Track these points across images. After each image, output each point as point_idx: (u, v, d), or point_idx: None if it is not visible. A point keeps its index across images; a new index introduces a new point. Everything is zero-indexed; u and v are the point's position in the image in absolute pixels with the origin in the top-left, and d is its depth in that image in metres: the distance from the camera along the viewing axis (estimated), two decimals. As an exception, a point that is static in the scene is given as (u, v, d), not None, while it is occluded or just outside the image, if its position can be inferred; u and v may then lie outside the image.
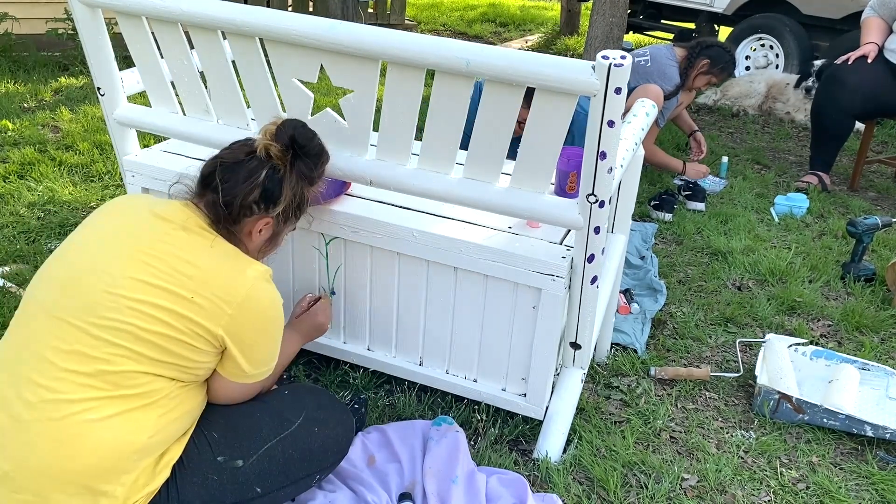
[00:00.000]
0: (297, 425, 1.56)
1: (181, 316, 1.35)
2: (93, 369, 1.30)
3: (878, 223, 3.01)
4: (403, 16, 7.56)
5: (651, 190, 3.81)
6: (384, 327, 2.02)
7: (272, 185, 1.49)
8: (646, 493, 1.84)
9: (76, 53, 5.24)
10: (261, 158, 1.49)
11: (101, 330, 1.32)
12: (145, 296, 1.34)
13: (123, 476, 1.32)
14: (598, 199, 1.57)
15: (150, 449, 1.35)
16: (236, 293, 1.40)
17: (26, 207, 3.11)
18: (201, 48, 1.76)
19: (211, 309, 1.38)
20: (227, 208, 1.47)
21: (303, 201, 1.59)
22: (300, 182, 1.55)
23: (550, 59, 1.46)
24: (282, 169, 1.50)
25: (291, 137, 1.52)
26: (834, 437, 2.11)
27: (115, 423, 1.31)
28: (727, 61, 3.75)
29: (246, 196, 1.47)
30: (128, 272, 1.35)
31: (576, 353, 1.93)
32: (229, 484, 1.45)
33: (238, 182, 1.47)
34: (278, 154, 1.50)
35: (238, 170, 1.48)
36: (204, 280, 1.38)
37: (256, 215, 1.50)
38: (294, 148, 1.53)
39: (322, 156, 1.61)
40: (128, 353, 1.32)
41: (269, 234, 1.56)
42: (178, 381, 1.39)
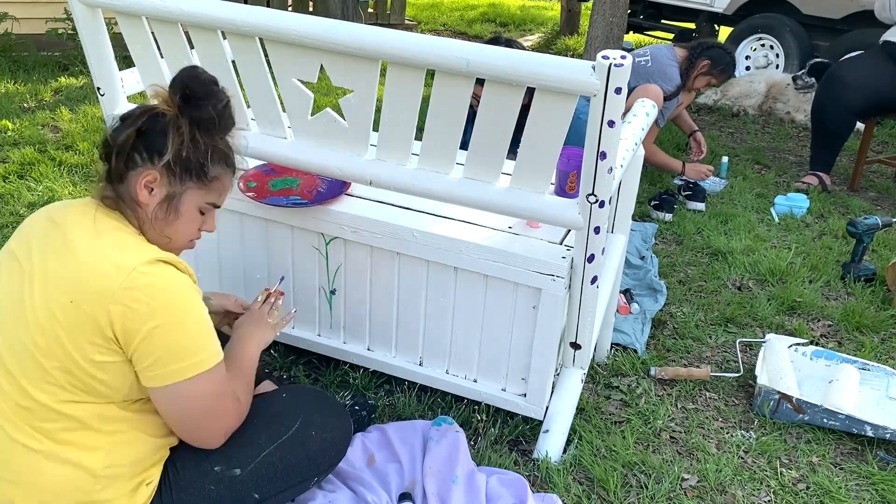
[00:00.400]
0: (295, 430, 1.53)
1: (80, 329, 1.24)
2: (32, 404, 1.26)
3: (878, 223, 3.01)
4: (403, 16, 7.56)
5: (651, 190, 3.81)
6: (384, 327, 2.02)
7: (153, 129, 1.32)
8: (646, 494, 1.84)
9: (76, 53, 5.24)
10: (147, 108, 1.36)
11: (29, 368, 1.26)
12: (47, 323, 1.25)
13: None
14: (598, 199, 1.57)
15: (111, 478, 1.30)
16: (112, 282, 1.23)
17: (26, 207, 3.11)
18: (201, 48, 1.76)
19: (89, 308, 1.23)
20: (109, 159, 1.33)
21: (203, 155, 1.36)
22: (193, 127, 1.34)
23: (550, 59, 1.46)
24: (168, 114, 1.34)
25: (179, 80, 1.35)
26: (834, 438, 2.11)
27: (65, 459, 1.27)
28: (727, 62, 3.76)
29: (121, 141, 1.31)
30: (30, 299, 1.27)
31: (576, 353, 1.93)
32: (227, 493, 1.43)
33: (120, 129, 1.33)
34: (165, 98, 1.34)
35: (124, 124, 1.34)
36: (78, 279, 1.24)
37: (140, 167, 1.33)
38: (183, 89, 1.34)
39: (215, 95, 1.36)
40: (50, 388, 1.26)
41: (164, 196, 1.35)
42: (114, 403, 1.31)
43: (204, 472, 1.42)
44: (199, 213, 1.43)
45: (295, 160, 1.79)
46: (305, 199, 1.96)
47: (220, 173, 1.41)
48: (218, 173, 1.41)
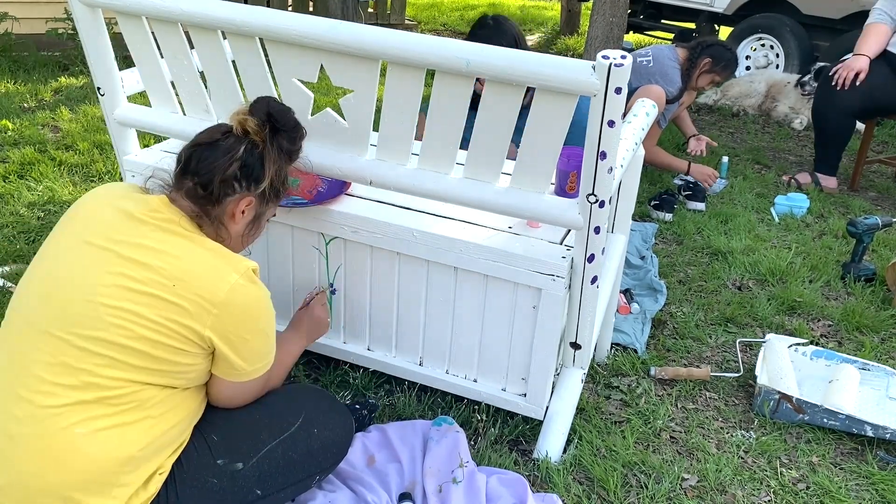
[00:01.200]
0: (297, 427, 1.55)
1: (164, 319, 1.32)
2: (79, 381, 1.29)
3: (878, 223, 3.01)
4: (403, 16, 7.56)
5: (651, 190, 3.81)
6: (384, 327, 2.02)
7: (252, 160, 1.44)
8: (646, 493, 1.84)
9: (76, 53, 5.24)
10: (237, 135, 1.45)
11: (84, 340, 1.30)
12: (126, 302, 1.31)
13: (115, 489, 1.30)
14: (598, 199, 1.57)
15: (140, 461, 1.33)
16: (219, 292, 1.35)
17: (26, 207, 3.11)
18: (201, 48, 1.76)
19: (194, 310, 1.34)
20: (206, 189, 1.42)
21: (285, 179, 1.54)
22: (280, 157, 1.50)
23: (550, 59, 1.46)
24: (260, 144, 1.46)
25: (267, 112, 1.48)
26: (834, 437, 2.11)
27: (104, 436, 1.29)
28: (729, 59, 3.75)
29: (226, 173, 1.42)
30: (106, 279, 1.32)
31: (576, 353, 1.93)
32: (229, 487, 1.44)
33: (216, 160, 1.42)
34: (255, 129, 1.45)
35: (215, 149, 1.43)
36: (185, 281, 1.34)
37: (238, 194, 1.45)
38: (271, 122, 1.48)
39: (299, 129, 1.55)
40: (112, 362, 1.30)
41: (252, 216, 1.51)
42: (168, 388, 1.37)
43: (207, 466, 1.43)
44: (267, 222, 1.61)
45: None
46: (305, 199, 1.96)
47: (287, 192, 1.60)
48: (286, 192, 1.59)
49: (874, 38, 3.83)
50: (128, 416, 1.32)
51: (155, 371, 1.34)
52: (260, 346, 1.46)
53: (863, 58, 3.81)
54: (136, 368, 1.32)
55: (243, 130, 1.45)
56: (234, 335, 1.39)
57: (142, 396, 1.33)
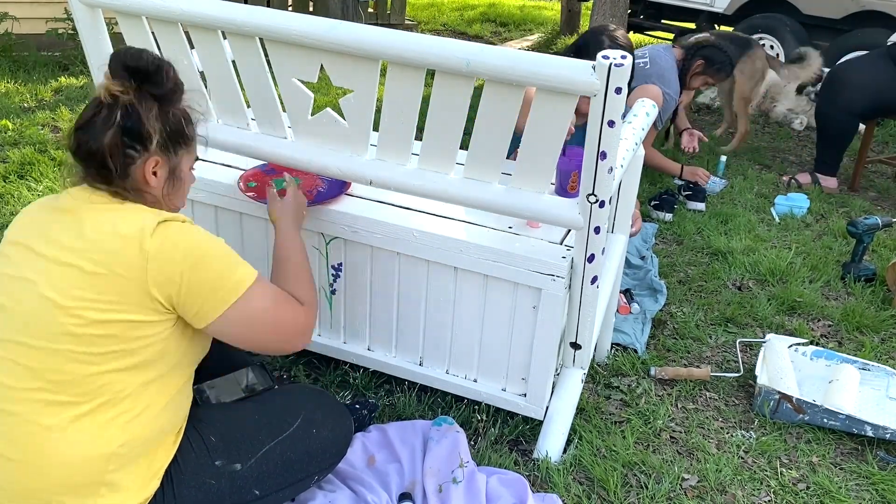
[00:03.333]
0: (296, 427, 1.55)
1: (108, 294, 1.29)
2: (45, 382, 1.27)
3: (878, 223, 3.01)
4: (403, 16, 7.56)
5: (651, 190, 3.81)
6: (384, 327, 2.02)
7: (130, 122, 1.36)
8: (646, 493, 1.84)
9: (76, 53, 5.24)
10: (108, 103, 1.37)
11: (40, 339, 1.28)
12: (68, 289, 1.29)
13: (102, 488, 1.29)
14: (598, 199, 1.57)
15: (126, 457, 1.31)
16: (142, 245, 1.31)
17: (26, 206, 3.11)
18: (201, 48, 1.76)
19: (131, 274, 1.30)
20: (105, 166, 1.37)
21: (180, 123, 1.44)
22: (159, 104, 1.40)
23: (550, 59, 1.46)
24: (131, 101, 1.37)
25: (123, 65, 1.39)
26: (834, 438, 2.11)
27: (79, 435, 1.28)
28: (722, 62, 3.77)
29: (111, 145, 1.36)
30: (46, 274, 1.31)
31: (576, 353, 1.93)
32: (227, 488, 1.44)
33: (96, 137, 1.36)
34: (120, 89, 1.37)
35: (93, 126, 1.37)
36: (109, 251, 1.30)
37: (140, 158, 1.38)
38: (131, 74, 1.38)
39: (162, 68, 1.41)
40: (74, 355, 1.28)
41: (166, 173, 1.43)
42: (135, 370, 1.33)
43: (205, 467, 1.43)
44: (190, 172, 1.52)
45: (295, 160, 1.79)
46: (305, 199, 1.96)
47: (193, 131, 1.49)
48: (193, 132, 1.49)
49: None
50: (102, 412, 1.30)
51: (115, 353, 1.30)
52: (211, 266, 1.37)
53: None
54: (98, 356, 1.29)
55: (111, 96, 1.37)
56: (178, 273, 1.33)
57: (112, 388, 1.30)
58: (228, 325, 1.40)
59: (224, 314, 1.38)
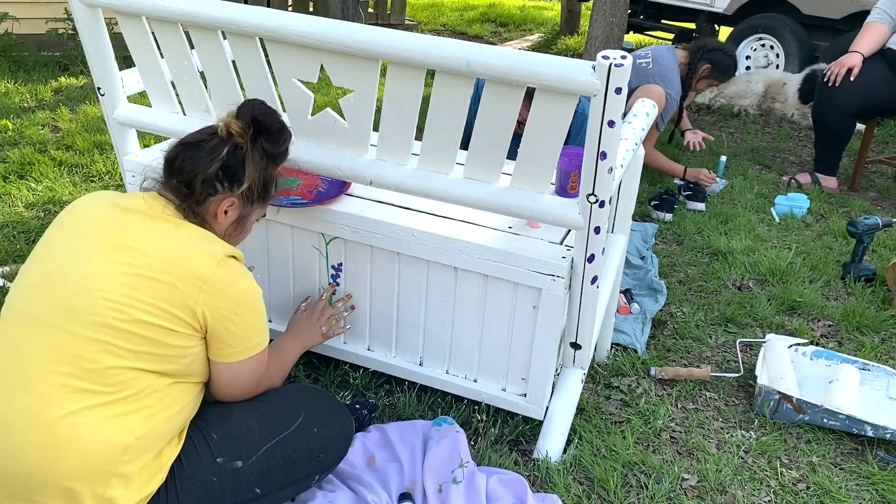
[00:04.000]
0: (297, 426, 1.56)
1: (156, 300, 1.34)
2: (75, 368, 1.30)
3: (878, 223, 3.01)
4: (403, 16, 7.56)
5: (651, 190, 3.81)
6: (384, 327, 2.02)
7: (234, 162, 1.47)
8: (646, 494, 1.84)
9: (76, 53, 5.24)
10: (222, 137, 1.48)
11: (79, 327, 1.31)
12: (118, 286, 1.33)
13: (114, 479, 1.30)
14: (598, 199, 1.57)
15: (140, 450, 1.33)
16: (207, 268, 1.39)
17: (26, 207, 3.11)
18: (201, 48, 1.76)
19: (185, 288, 1.37)
20: (190, 187, 1.45)
21: (269, 181, 1.57)
22: (264, 159, 1.53)
23: (550, 59, 1.46)
24: (244, 146, 1.49)
25: (252, 115, 1.51)
26: (834, 438, 2.11)
27: (101, 424, 1.29)
28: (728, 66, 3.82)
29: (207, 173, 1.45)
30: (99, 266, 1.35)
31: (576, 353, 1.93)
32: (228, 485, 1.45)
33: (199, 160, 1.45)
34: (239, 131, 1.48)
35: (200, 149, 1.47)
36: (174, 261, 1.37)
37: (220, 195, 1.48)
38: (255, 124, 1.51)
39: (284, 131, 1.58)
40: (108, 347, 1.31)
41: (236, 217, 1.54)
42: (164, 375, 1.38)
43: (206, 464, 1.43)
44: (253, 225, 1.64)
45: (295, 160, 1.79)
46: (305, 199, 1.96)
47: (273, 194, 1.62)
48: (272, 194, 1.61)
49: (871, 36, 3.83)
50: (126, 404, 1.32)
51: (149, 355, 1.34)
52: (250, 320, 1.47)
53: (855, 55, 3.81)
54: (132, 353, 1.33)
55: (228, 132, 1.48)
56: (225, 309, 1.41)
57: (139, 384, 1.34)
58: (229, 373, 1.49)
59: (236, 364, 1.49)
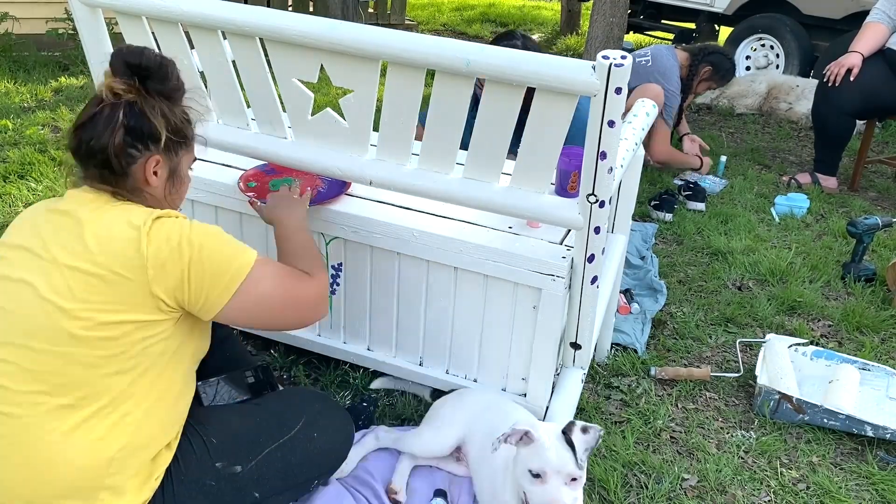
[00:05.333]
0: (297, 430, 1.54)
1: (110, 296, 1.28)
2: (47, 385, 1.27)
3: (878, 223, 3.01)
4: (403, 16, 7.57)
5: (651, 190, 3.81)
6: (384, 327, 2.02)
7: (135, 121, 1.36)
8: (646, 493, 1.84)
9: (76, 53, 5.24)
10: (111, 102, 1.36)
11: (41, 342, 1.27)
12: (71, 292, 1.28)
13: (102, 492, 1.29)
14: (598, 199, 1.57)
15: (126, 460, 1.31)
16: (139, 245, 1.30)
17: (26, 207, 3.11)
18: (201, 48, 1.76)
19: (132, 275, 1.29)
20: (107, 166, 1.36)
21: (181, 122, 1.43)
22: (163, 102, 1.40)
23: (550, 59, 1.46)
24: (136, 99, 1.37)
25: (124, 63, 1.38)
26: (834, 438, 2.11)
27: (80, 440, 1.27)
28: (728, 69, 3.94)
29: (116, 143, 1.35)
30: (48, 276, 1.30)
31: (576, 353, 1.93)
32: (227, 489, 1.43)
33: (99, 136, 1.35)
34: (123, 87, 1.36)
35: (95, 124, 1.36)
36: (112, 252, 1.29)
37: (141, 158, 1.38)
38: (134, 71, 1.38)
39: (165, 65, 1.41)
40: (75, 358, 1.27)
41: (167, 173, 1.43)
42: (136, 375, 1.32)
43: (205, 468, 1.42)
44: (188, 172, 1.51)
45: (295, 160, 1.79)
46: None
47: (193, 131, 1.48)
48: (193, 132, 1.48)
49: (870, 36, 3.84)
50: (104, 416, 1.29)
51: (120, 356, 1.29)
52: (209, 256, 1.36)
53: (855, 54, 3.82)
54: (102, 359, 1.28)
55: (113, 94, 1.37)
56: (179, 270, 1.32)
57: (114, 391, 1.30)
58: (237, 310, 1.39)
59: (231, 301, 1.37)
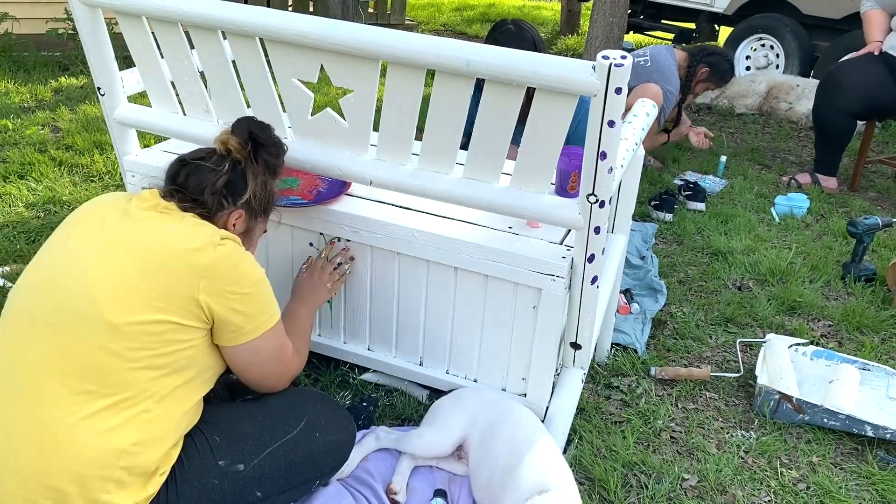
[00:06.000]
0: (299, 430, 1.56)
1: (157, 294, 1.34)
2: (75, 369, 1.29)
3: (878, 223, 3.01)
4: (403, 16, 7.57)
5: (651, 190, 3.81)
6: (384, 327, 2.02)
7: (236, 176, 1.53)
8: (646, 493, 1.84)
9: (76, 53, 5.24)
10: (222, 154, 1.53)
11: (80, 328, 1.31)
12: (118, 284, 1.33)
13: (109, 484, 1.29)
14: (598, 199, 1.57)
15: (136, 455, 1.32)
16: (204, 255, 1.39)
17: (26, 207, 3.11)
18: (201, 48, 1.76)
19: (185, 277, 1.36)
20: (198, 202, 1.49)
21: (270, 193, 1.62)
22: (263, 172, 1.58)
23: (550, 59, 1.46)
24: (243, 161, 1.54)
25: (248, 131, 1.56)
26: (834, 438, 2.11)
27: (98, 428, 1.29)
28: (726, 70, 3.94)
29: (213, 188, 1.49)
30: (99, 266, 1.35)
31: (576, 353, 1.93)
32: (230, 488, 1.44)
33: (203, 175, 1.50)
34: (237, 147, 1.54)
35: (202, 166, 1.51)
36: (170, 252, 1.37)
37: (227, 209, 1.52)
38: (252, 139, 1.56)
39: (280, 145, 1.64)
40: (109, 347, 1.30)
41: (243, 230, 1.58)
42: (164, 374, 1.35)
43: (208, 466, 1.43)
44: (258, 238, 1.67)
45: (295, 160, 1.79)
46: (305, 199, 1.96)
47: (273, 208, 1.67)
48: (273, 209, 1.67)
49: (876, 24, 3.91)
50: (124, 408, 1.31)
51: (151, 353, 1.33)
52: (257, 298, 1.47)
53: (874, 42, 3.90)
54: (133, 352, 1.31)
55: (226, 149, 1.53)
56: (228, 291, 1.41)
57: (138, 385, 1.32)
58: (248, 353, 1.49)
59: (251, 342, 1.48)
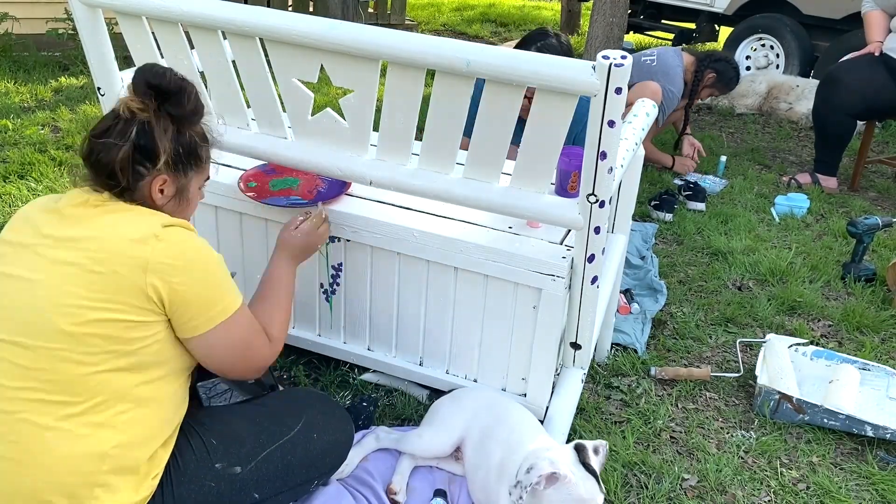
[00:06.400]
0: (297, 431, 1.55)
1: (106, 293, 1.29)
2: (40, 382, 1.27)
3: (878, 223, 3.01)
4: (403, 16, 7.56)
5: (651, 190, 3.81)
6: (384, 327, 2.02)
7: (144, 140, 1.38)
8: (646, 493, 1.84)
9: (76, 53, 5.24)
10: (126, 118, 1.39)
11: (35, 339, 1.28)
12: (64, 289, 1.29)
13: (96, 489, 1.28)
14: (598, 199, 1.57)
15: (120, 458, 1.30)
16: (145, 246, 1.32)
17: (26, 207, 3.11)
18: (201, 48, 1.76)
19: (129, 273, 1.30)
20: (113, 179, 1.38)
21: (191, 144, 1.45)
22: (175, 125, 1.42)
23: (550, 59, 1.46)
24: (149, 119, 1.39)
25: (145, 82, 1.40)
26: (834, 438, 2.11)
27: (74, 435, 1.27)
28: (732, 77, 3.97)
29: (121, 159, 1.37)
30: (42, 273, 1.31)
31: (576, 353, 1.93)
32: (227, 490, 1.43)
33: (109, 149, 1.37)
34: (140, 106, 1.39)
35: (107, 137, 1.38)
36: (111, 249, 1.31)
37: (148, 176, 1.40)
38: (154, 91, 1.40)
39: (184, 89, 1.44)
40: (68, 355, 1.28)
41: (174, 191, 1.45)
42: (133, 371, 1.33)
43: (205, 468, 1.42)
44: (199, 191, 1.54)
45: (295, 160, 1.79)
46: (305, 199, 1.96)
47: (207, 153, 1.51)
48: (207, 154, 1.51)
49: (876, 24, 3.92)
50: (98, 412, 1.29)
51: (113, 354, 1.30)
52: (207, 285, 1.39)
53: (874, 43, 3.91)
54: (95, 356, 1.29)
55: (129, 111, 1.39)
56: (177, 282, 1.34)
57: (109, 388, 1.30)
58: (207, 344, 1.42)
59: (209, 332, 1.40)
